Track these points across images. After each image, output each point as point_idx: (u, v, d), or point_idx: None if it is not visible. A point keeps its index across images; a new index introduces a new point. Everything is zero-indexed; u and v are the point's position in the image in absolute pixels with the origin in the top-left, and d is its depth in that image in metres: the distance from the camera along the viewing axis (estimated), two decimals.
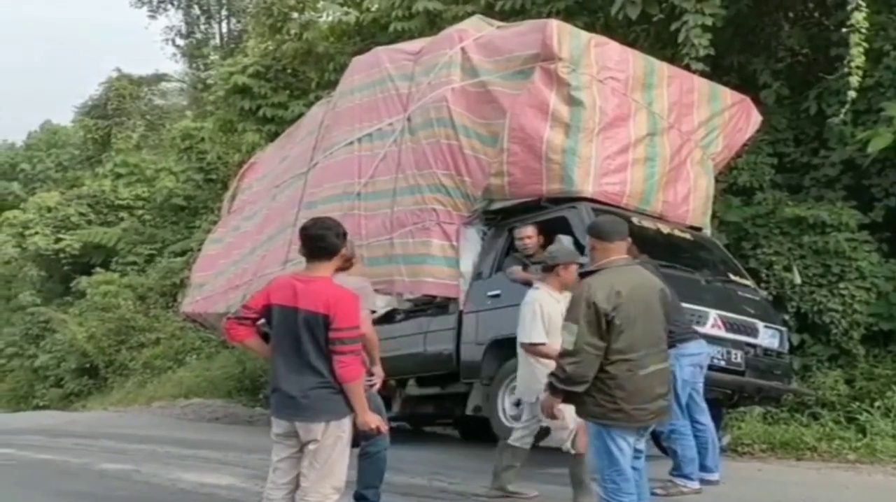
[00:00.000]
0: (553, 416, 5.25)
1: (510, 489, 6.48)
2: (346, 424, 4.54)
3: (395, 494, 6.87)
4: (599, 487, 4.76)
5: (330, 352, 4.46)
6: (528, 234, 8.17)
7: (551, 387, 4.74)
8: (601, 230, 4.91)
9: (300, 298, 4.54)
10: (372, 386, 5.76)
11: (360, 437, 5.08)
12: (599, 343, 4.52)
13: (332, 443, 4.51)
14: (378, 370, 5.94)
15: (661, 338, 4.74)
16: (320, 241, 4.64)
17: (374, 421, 4.59)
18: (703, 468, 6.82)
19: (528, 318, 6.23)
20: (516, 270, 8.05)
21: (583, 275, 5.16)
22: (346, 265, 5.85)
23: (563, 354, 4.65)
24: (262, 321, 4.88)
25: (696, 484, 6.66)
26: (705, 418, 6.94)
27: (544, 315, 6.12)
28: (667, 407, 4.74)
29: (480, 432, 9.41)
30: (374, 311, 5.86)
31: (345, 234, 4.77)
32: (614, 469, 4.63)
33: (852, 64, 9.91)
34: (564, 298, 5.79)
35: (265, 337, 5.01)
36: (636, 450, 4.74)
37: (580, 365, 4.54)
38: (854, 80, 9.95)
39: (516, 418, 7.64)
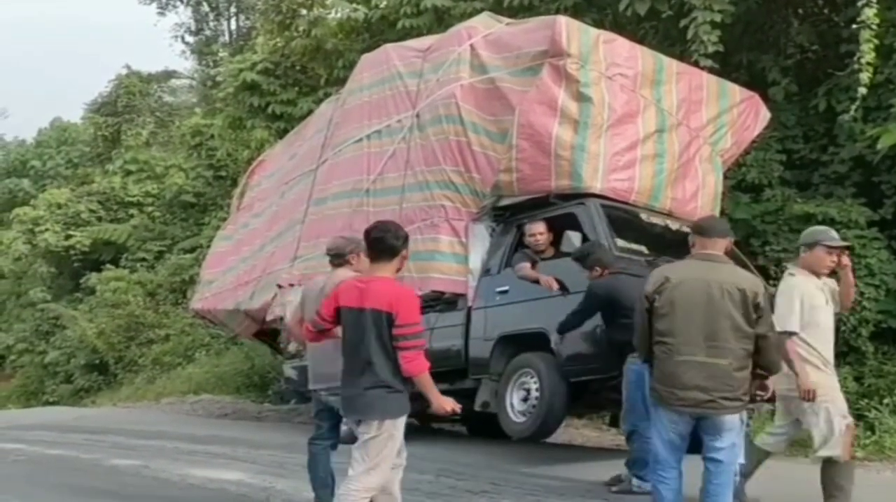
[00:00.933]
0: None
1: None
2: (399, 423, 4.76)
3: (402, 491, 6.89)
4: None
5: (394, 348, 4.66)
6: (539, 231, 8.19)
7: None
8: (700, 227, 5.22)
9: (365, 298, 4.76)
10: None
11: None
12: (644, 322, 4.95)
13: (385, 440, 4.72)
14: None
15: (715, 333, 4.76)
16: (380, 243, 4.89)
17: (448, 404, 4.83)
18: None
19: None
20: (524, 267, 8.06)
21: None
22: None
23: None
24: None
25: (649, 486, 6.55)
26: None
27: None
28: (707, 401, 4.75)
29: (488, 428, 9.44)
30: None
31: (406, 237, 5.00)
32: (655, 457, 4.97)
33: (863, 60, 9.89)
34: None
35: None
36: (717, 449, 4.84)
37: (635, 337, 5.13)
38: (864, 77, 9.93)
39: (523, 414, 7.68)
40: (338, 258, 5.99)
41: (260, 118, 16.81)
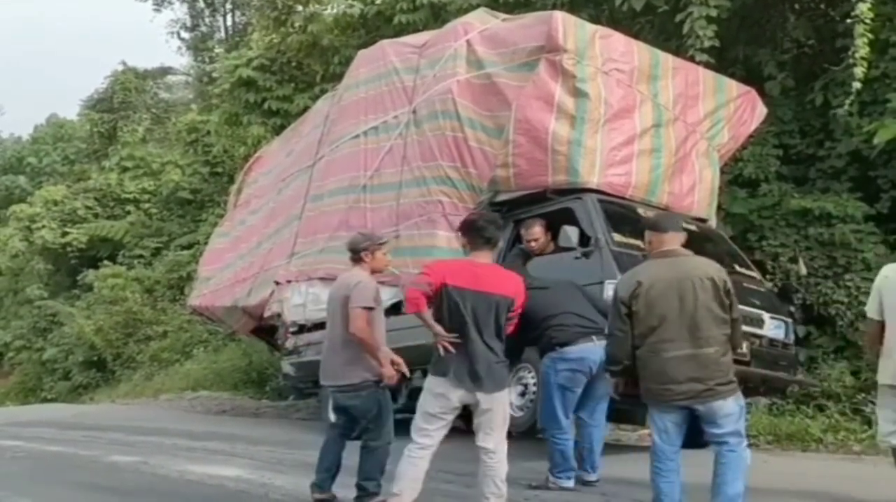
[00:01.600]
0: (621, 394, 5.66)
1: None
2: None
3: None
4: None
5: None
6: (535, 236, 7.77)
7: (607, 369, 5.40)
8: (656, 224, 5.36)
9: (488, 283, 5.26)
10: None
11: (361, 431, 5.89)
12: (624, 327, 5.01)
13: (505, 405, 5.41)
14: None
15: (697, 325, 4.90)
16: (484, 232, 5.37)
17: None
18: (583, 467, 6.69)
19: None
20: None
21: None
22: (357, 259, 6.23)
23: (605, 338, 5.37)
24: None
25: (569, 483, 6.57)
26: (592, 418, 6.73)
27: None
28: (704, 390, 4.88)
29: None
30: (370, 307, 5.94)
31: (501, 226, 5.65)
32: (652, 447, 5.07)
33: (857, 55, 9.90)
34: None
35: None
36: (719, 436, 4.98)
37: (611, 346, 5.17)
38: (859, 71, 9.94)
39: (521, 408, 7.69)
40: (354, 254, 6.05)
41: (256, 114, 16.81)
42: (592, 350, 6.37)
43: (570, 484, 6.55)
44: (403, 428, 8.96)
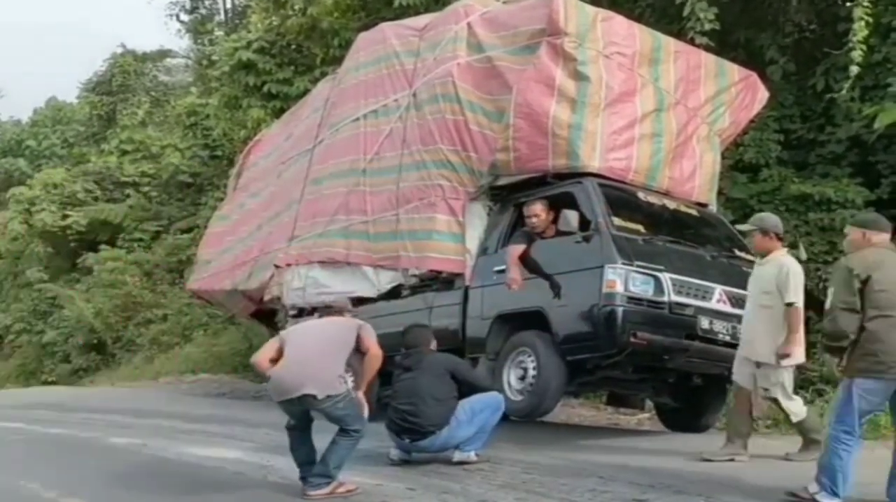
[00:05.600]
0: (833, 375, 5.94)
1: None
2: None
3: (398, 467, 6.94)
4: (828, 440, 5.31)
5: None
6: (536, 213, 8.09)
7: (825, 348, 5.47)
8: (876, 222, 5.53)
9: None
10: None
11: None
12: (851, 298, 5.10)
13: None
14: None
15: None
16: None
17: None
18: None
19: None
20: (514, 252, 7.99)
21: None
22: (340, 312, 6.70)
23: (825, 315, 5.31)
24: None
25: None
26: None
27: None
28: None
29: None
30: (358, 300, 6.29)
31: None
32: (846, 426, 5.17)
33: (855, 38, 9.85)
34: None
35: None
36: None
37: (835, 320, 5.15)
38: (857, 55, 9.89)
39: (521, 392, 7.71)
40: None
41: (256, 97, 16.73)
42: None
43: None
44: None
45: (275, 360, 6.12)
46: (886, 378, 5.14)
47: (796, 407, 6.89)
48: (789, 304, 6.62)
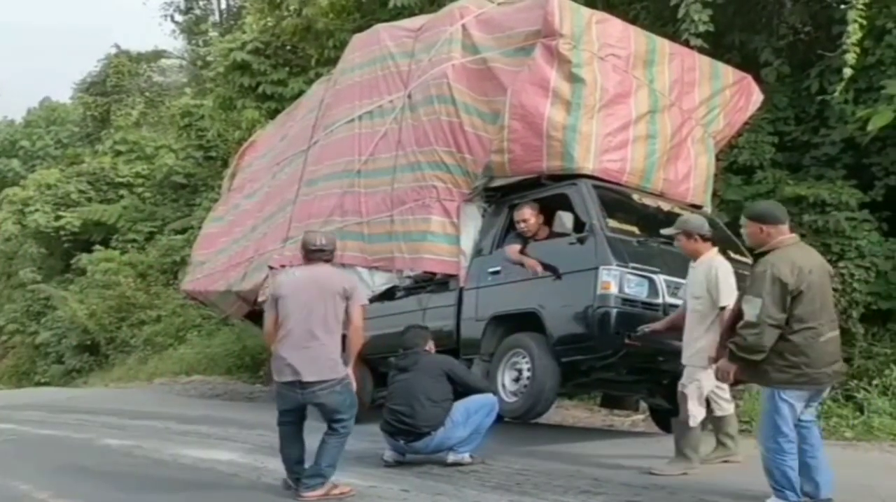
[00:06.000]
0: (726, 380, 5.66)
1: None
2: None
3: (392, 469, 6.93)
4: (764, 450, 5.23)
5: None
6: (524, 218, 8.12)
7: (731, 355, 5.25)
8: (772, 215, 5.40)
9: None
10: None
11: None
12: (779, 315, 5.02)
13: None
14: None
15: (833, 309, 5.32)
16: None
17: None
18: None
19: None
20: (512, 250, 8.05)
21: (757, 256, 5.46)
22: (329, 258, 6.27)
23: (745, 325, 5.10)
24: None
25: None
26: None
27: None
28: (841, 370, 5.35)
29: None
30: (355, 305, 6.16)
31: None
32: (783, 434, 5.12)
33: (849, 41, 9.86)
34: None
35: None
36: (805, 420, 5.24)
37: (760, 335, 5.04)
38: (851, 57, 9.89)
39: (515, 394, 7.70)
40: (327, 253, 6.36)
41: (250, 98, 16.72)
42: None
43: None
44: None
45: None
46: (808, 389, 5.16)
47: (695, 411, 6.53)
48: (722, 308, 6.38)
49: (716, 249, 6.86)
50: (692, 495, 5.86)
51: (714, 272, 6.54)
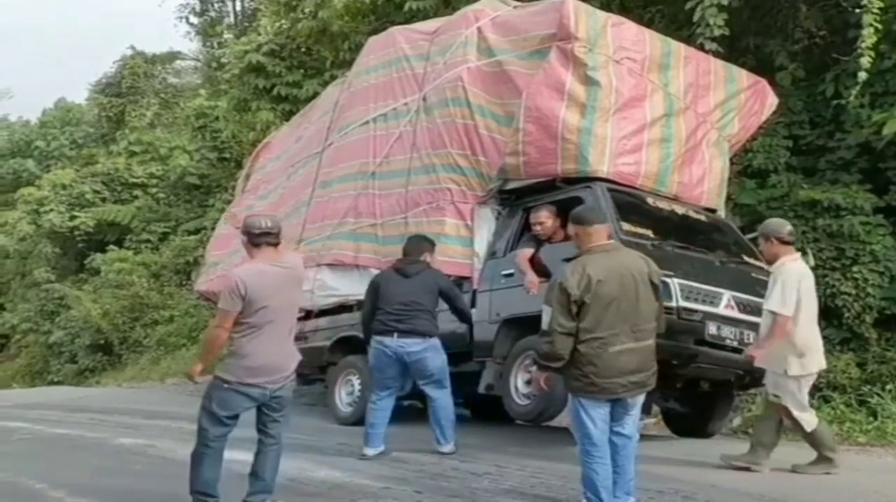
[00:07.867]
0: (538, 387, 5.71)
1: None
2: None
3: (407, 471, 6.94)
4: (581, 453, 5.25)
5: None
6: (540, 220, 8.11)
7: (536, 363, 5.37)
8: (581, 216, 5.39)
9: None
10: None
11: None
12: (568, 324, 5.06)
13: None
14: None
15: (640, 319, 5.19)
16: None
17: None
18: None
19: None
20: (522, 256, 8.02)
21: (568, 261, 5.52)
22: (276, 242, 5.93)
23: (541, 333, 5.24)
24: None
25: (372, 452, 7.38)
26: (438, 394, 7.53)
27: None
28: (642, 381, 5.23)
29: (492, 411, 9.47)
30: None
31: None
32: (587, 438, 5.17)
33: (864, 45, 9.84)
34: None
35: None
36: (618, 430, 5.26)
37: (552, 344, 5.12)
38: (865, 61, 9.86)
39: (527, 397, 7.70)
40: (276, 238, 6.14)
41: (265, 100, 16.81)
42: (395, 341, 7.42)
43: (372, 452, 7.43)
44: (410, 414, 9.02)
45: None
46: (601, 397, 5.17)
47: (808, 418, 6.76)
48: (770, 311, 6.56)
49: (797, 254, 6.92)
50: (707, 499, 5.86)
51: (775, 275, 6.63)
